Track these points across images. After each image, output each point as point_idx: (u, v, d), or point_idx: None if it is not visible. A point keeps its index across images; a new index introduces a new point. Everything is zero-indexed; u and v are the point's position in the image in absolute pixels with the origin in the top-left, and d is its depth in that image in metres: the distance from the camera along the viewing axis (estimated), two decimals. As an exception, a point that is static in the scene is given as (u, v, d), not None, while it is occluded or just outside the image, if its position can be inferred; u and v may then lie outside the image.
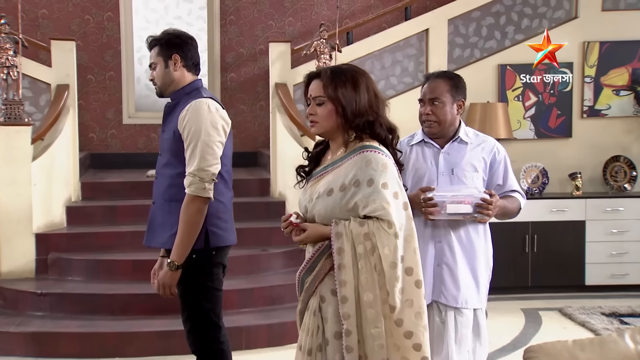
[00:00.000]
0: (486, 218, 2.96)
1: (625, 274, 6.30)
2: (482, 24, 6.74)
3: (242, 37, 7.89)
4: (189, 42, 3.28)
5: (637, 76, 6.66)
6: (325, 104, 2.46)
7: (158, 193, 3.23)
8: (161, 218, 3.19)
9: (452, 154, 3.08)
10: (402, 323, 2.36)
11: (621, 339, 2.41)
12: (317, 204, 2.46)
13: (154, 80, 3.28)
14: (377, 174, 2.38)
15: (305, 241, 2.47)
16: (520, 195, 3.16)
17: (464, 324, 2.99)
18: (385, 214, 2.36)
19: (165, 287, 3.11)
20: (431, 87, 3.08)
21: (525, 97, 6.60)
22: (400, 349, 2.37)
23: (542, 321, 5.41)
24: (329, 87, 2.45)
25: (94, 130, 7.67)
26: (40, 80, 6.27)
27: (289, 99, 6.27)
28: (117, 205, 6.06)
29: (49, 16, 7.59)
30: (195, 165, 3.01)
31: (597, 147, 6.65)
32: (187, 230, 3.03)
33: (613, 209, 6.28)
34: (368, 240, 2.35)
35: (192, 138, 3.04)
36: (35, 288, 5.20)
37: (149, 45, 3.28)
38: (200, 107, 3.09)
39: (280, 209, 6.19)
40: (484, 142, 3.13)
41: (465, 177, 3.04)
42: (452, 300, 2.99)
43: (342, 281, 2.35)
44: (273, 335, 4.87)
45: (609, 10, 6.73)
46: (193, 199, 3.02)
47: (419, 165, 3.09)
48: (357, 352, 2.35)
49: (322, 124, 2.49)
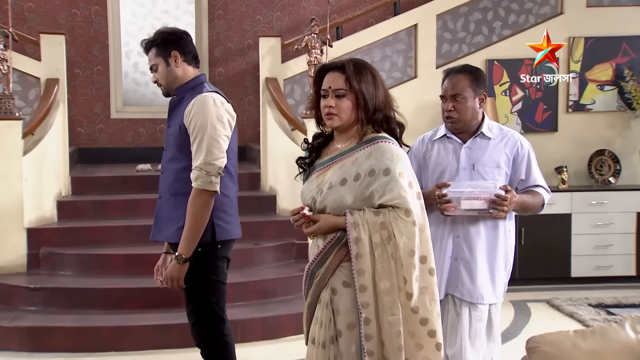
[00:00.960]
0: (501, 214, 2.96)
1: (610, 266, 6.42)
2: (469, 20, 6.82)
3: (230, 31, 7.89)
4: (184, 37, 3.29)
5: (620, 71, 6.76)
6: (347, 96, 2.47)
7: (164, 187, 3.25)
8: (167, 212, 3.21)
9: (474, 149, 3.08)
10: (418, 310, 2.40)
11: (622, 328, 2.47)
12: (328, 194, 2.47)
13: (157, 81, 3.27)
14: (393, 163, 2.42)
15: (318, 232, 2.48)
16: (544, 190, 3.15)
17: (479, 319, 3.02)
18: (404, 202, 2.39)
19: (173, 280, 3.12)
20: (452, 82, 3.06)
21: (512, 92, 6.69)
22: (415, 335, 2.41)
23: (531, 313, 5.50)
24: (353, 80, 2.45)
25: (81, 125, 7.64)
26: (29, 75, 6.24)
27: (279, 94, 6.29)
28: (107, 199, 6.06)
29: (36, 9, 7.53)
30: (201, 159, 3.03)
31: (582, 141, 6.75)
32: (195, 224, 3.05)
33: (598, 202, 6.39)
34: (384, 229, 2.39)
35: (198, 132, 3.06)
36: (28, 283, 5.19)
37: (145, 49, 3.27)
38: (206, 101, 3.10)
39: (271, 203, 6.23)
40: (508, 136, 3.12)
41: (486, 173, 3.04)
42: (468, 295, 3.02)
43: (360, 270, 2.39)
44: (267, 329, 4.92)
45: (593, 7, 6.83)
46: (200, 193, 3.04)
47: (441, 160, 3.10)
48: (376, 339, 2.38)
49: (342, 117, 2.49)
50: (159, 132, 7.72)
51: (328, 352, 2.43)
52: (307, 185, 2.60)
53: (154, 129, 7.76)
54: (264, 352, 4.68)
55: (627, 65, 6.74)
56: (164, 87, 3.26)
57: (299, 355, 4.56)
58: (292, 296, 5.28)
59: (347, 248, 2.44)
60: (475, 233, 3.04)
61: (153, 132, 7.76)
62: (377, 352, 2.39)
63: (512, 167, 3.11)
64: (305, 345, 2.64)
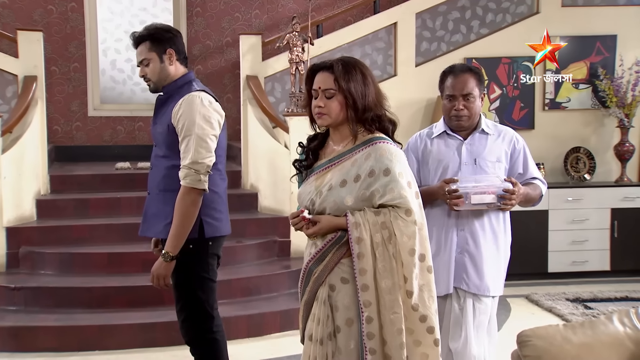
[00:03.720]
0: (508, 207, 3.04)
1: (585, 261, 6.54)
2: (448, 18, 6.90)
3: (209, 29, 7.87)
4: (178, 36, 3.30)
5: (594, 70, 6.89)
6: (336, 96, 2.50)
7: (153, 184, 3.25)
8: (155, 208, 3.21)
9: (475, 145, 3.13)
10: (418, 307, 2.44)
11: (610, 321, 2.55)
12: (328, 196, 2.50)
13: (145, 76, 3.24)
14: (392, 164, 2.46)
15: (318, 233, 2.49)
16: (541, 182, 3.23)
17: (483, 311, 3.08)
18: (404, 202, 2.44)
19: (159, 278, 3.12)
20: (462, 82, 3.08)
21: (490, 90, 6.78)
22: (414, 332, 2.46)
23: (510, 308, 5.59)
24: (342, 79, 2.48)
25: (58, 123, 7.57)
26: (6, 72, 6.17)
27: (260, 91, 6.30)
28: (88, 198, 6.01)
29: (10, 5, 7.45)
30: (189, 159, 3.04)
31: (558, 139, 6.87)
32: (182, 222, 3.06)
33: (574, 199, 6.51)
34: (385, 229, 2.42)
35: (186, 132, 3.07)
36: (8, 282, 5.11)
37: (136, 41, 3.24)
38: (193, 100, 3.11)
39: (253, 201, 6.24)
40: (503, 132, 3.19)
41: (488, 167, 3.10)
42: (474, 287, 3.06)
43: (362, 269, 2.42)
44: (253, 326, 4.94)
45: (568, 6, 6.95)
46: (189, 191, 3.05)
47: (442, 156, 3.14)
48: (378, 337, 2.42)
49: (331, 117, 2.52)
50: (138, 129, 7.67)
51: (326, 349, 2.45)
52: (304, 188, 2.62)
53: (132, 126, 7.71)
54: (249, 350, 4.70)
55: (601, 64, 6.87)
56: (153, 82, 3.24)
57: (284, 352, 4.59)
58: (276, 293, 5.31)
59: (345, 247, 2.46)
60: (480, 226, 3.09)
61: (131, 130, 7.71)
62: (379, 350, 2.42)
63: (510, 161, 3.18)
64: (300, 342, 2.65)
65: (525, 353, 2.50)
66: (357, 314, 2.44)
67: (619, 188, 6.64)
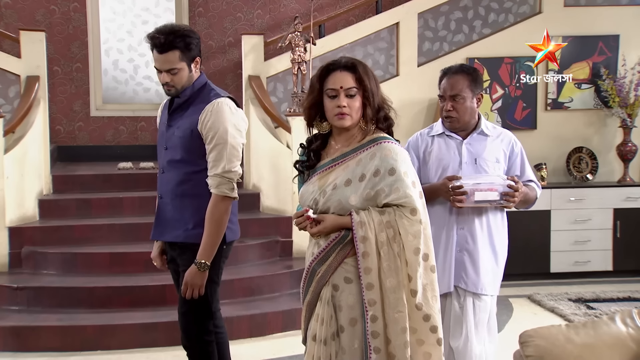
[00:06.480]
0: (511, 204, 3.06)
1: (588, 261, 6.53)
2: (450, 18, 6.89)
3: (211, 29, 7.87)
4: (199, 40, 3.21)
5: (597, 70, 6.88)
6: (356, 96, 2.50)
7: (167, 188, 3.20)
8: (172, 213, 3.18)
9: (474, 145, 3.15)
10: (421, 307, 2.44)
11: (612, 322, 2.54)
12: (332, 195, 2.49)
13: (169, 83, 3.10)
14: (397, 163, 2.47)
15: (323, 232, 2.49)
16: (536, 185, 3.25)
17: (483, 309, 3.09)
18: (410, 201, 2.44)
19: (194, 287, 3.09)
20: (451, 83, 3.11)
21: (492, 90, 6.77)
22: (417, 331, 2.45)
23: (513, 308, 5.58)
24: (365, 79, 2.49)
25: (60, 123, 7.57)
26: (9, 72, 6.17)
27: (263, 92, 6.30)
28: (90, 198, 6.01)
29: (13, 6, 7.45)
30: (222, 167, 3.03)
31: (561, 139, 6.86)
32: (217, 230, 3.06)
33: (577, 199, 6.50)
34: (390, 228, 2.43)
35: (218, 140, 3.03)
36: (10, 282, 5.12)
37: (164, 48, 3.03)
38: (223, 109, 3.07)
39: (255, 201, 6.24)
40: (502, 134, 3.22)
41: (488, 167, 3.12)
42: (472, 286, 3.07)
43: (367, 268, 2.42)
44: (255, 326, 4.94)
45: (571, 6, 6.94)
46: (222, 199, 3.05)
47: (442, 155, 3.15)
48: (382, 336, 2.42)
49: (354, 116, 2.51)
50: (140, 129, 7.68)
51: (330, 349, 2.45)
52: (306, 187, 2.60)
53: (134, 126, 7.71)
54: (252, 350, 4.70)
55: (604, 64, 6.86)
56: (176, 89, 3.14)
57: (286, 352, 4.60)
58: (278, 293, 5.32)
59: (349, 246, 2.46)
60: (479, 224, 3.11)
61: (134, 130, 7.71)
62: (383, 348, 2.42)
63: (508, 163, 3.20)
64: (302, 343, 2.65)
65: (527, 353, 2.51)
66: (361, 313, 2.44)
67: (621, 188, 6.63)
